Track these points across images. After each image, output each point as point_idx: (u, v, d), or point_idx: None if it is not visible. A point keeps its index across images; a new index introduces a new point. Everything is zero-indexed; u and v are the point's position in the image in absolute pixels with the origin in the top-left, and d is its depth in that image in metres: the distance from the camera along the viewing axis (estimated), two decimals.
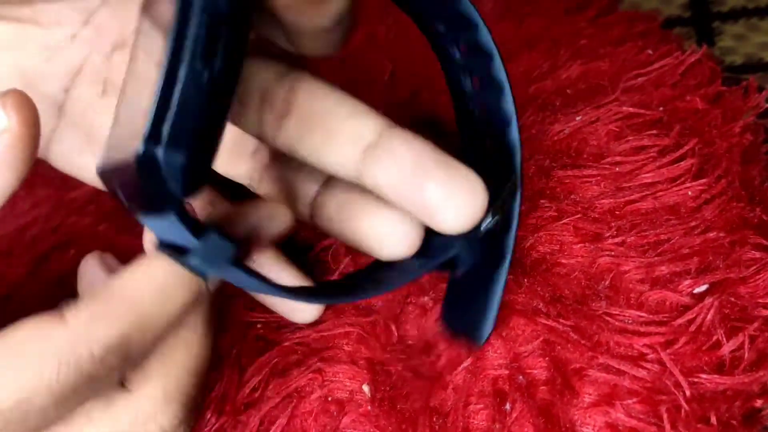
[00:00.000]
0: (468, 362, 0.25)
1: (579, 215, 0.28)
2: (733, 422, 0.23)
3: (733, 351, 0.24)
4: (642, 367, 0.24)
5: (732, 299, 0.25)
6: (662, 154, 0.29)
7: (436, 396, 0.25)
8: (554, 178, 0.29)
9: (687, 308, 0.25)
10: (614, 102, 0.31)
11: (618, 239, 0.27)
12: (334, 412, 0.26)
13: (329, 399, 0.26)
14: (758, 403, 0.24)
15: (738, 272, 0.26)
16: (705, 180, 0.28)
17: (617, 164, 0.29)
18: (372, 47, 0.39)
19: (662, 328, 0.25)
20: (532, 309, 0.26)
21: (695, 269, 0.26)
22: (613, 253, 0.26)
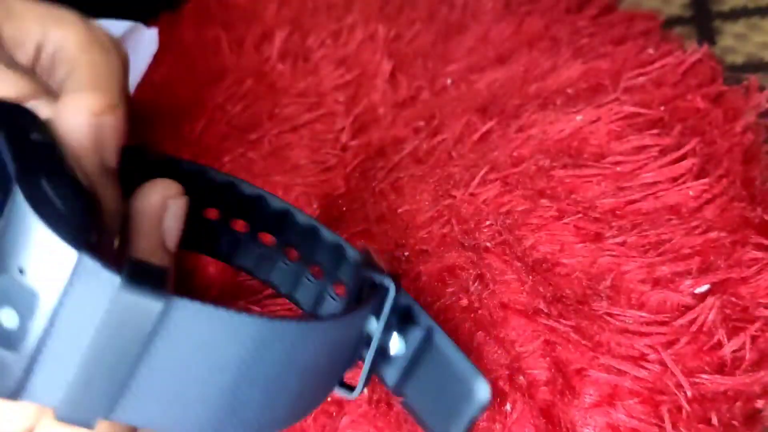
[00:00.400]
0: None
1: (580, 215, 0.28)
2: (735, 423, 0.23)
3: (735, 351, 0.24)
4: (643, 368, 0.24)
5: (733, 299, 0.25)
6: (663, 154, 0.29)
7: None
8: (555, 178, 0.29)
9: (688, 308, 0.25)
10: (615, 101, 0.31)
11: (619, 239, 0.27)
12: (333, 413, 0.26)
13: (328, 399, 0.26)
14: (759, 404, 0.24)
15: (739, 272, 0.26)
16: (706, 180, 0.28)
17: (618, 164, 0.29)
18: (372, 46, 0.39)
19: (663, 329, 0.24)
20: (533, 309, 0.25)
21: (696, 269, 0.26)
22: (614, 253, 0.26)
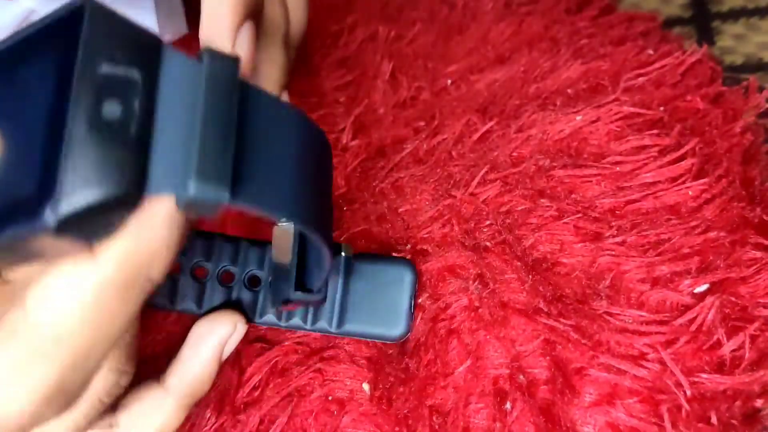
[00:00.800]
0: (468, 362, 0.25)
1: (579, 215, 0.28)
2: (734, 422, 0.23)
3: (734, 350, 0.24)
4: (643, 367, 0.24)
5: (732, 299, 0.25)
6: (663, 154, 0.29)
7: (437, 395, 0.25)
8: (555, 178, 0.29)
9: (687, 308, 0.25)
10: (615, 102, 0.31)
11: (618, 239, 0.27)
12: (335, 411, 0.26)
13: (329, 398, 0.26)
14: (759, 403, 0.24)
15: (738, 272, 0.26)
16: (705, 180, 0.28)
17: (618, 164, 0.29)
18: (372, 47, 0.39)
19: (663, 328, 0.25)
20: (533, 308, 0.26)
21: (696, 269, 0.26)
22: (614, 253, 0.26)
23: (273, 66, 0.24)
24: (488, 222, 0.29)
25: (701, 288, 0.26)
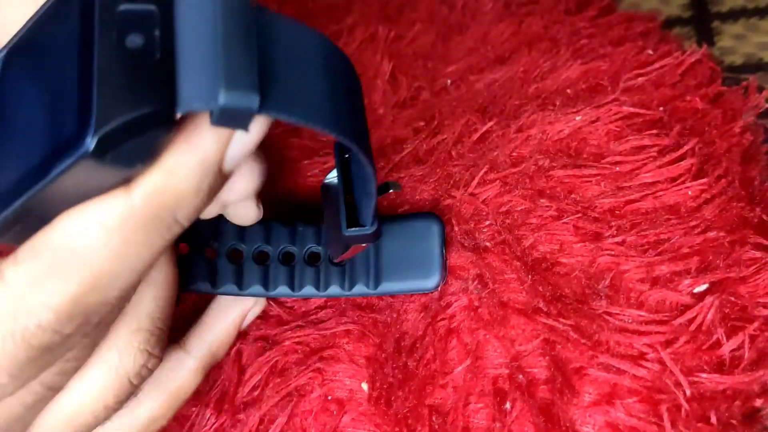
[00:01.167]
0: (468, 362, 0.25)
1: (579, 215, 0.28)
2: (733, 422, 0.23)
3: (733, 350, 0.24)
4: (642, 367, 0.24)
5: (732, 299, 0.25)
6: (662, 154, 0.29)
7: (436, 395, 0.25)
8: (554, 178, 0.29)
9: (687, 307, 0.25)
10: (614, 102, 0.31)
11: (618, 239, 0.27)
12: (334, 411, 0.26)
13: (329, 398, 0.26)
14: (758, 403, 0.24)
15: (738, 272, 0.26)
16: (705, 180, 0.28)
17: (617, 164, 0.29)
18: (372, 47, 0.39)
19: (662, 328, 0.25)
20: (533, 308, 0.26)
21: (695, 269, 0.26)
22: (614, 253, 0.26)
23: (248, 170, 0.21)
24: (488, 222, 0.29)
25: (701, 288, 0.26)
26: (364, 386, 0.26)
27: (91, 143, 0.14)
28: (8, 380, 0.16)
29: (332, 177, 0.24)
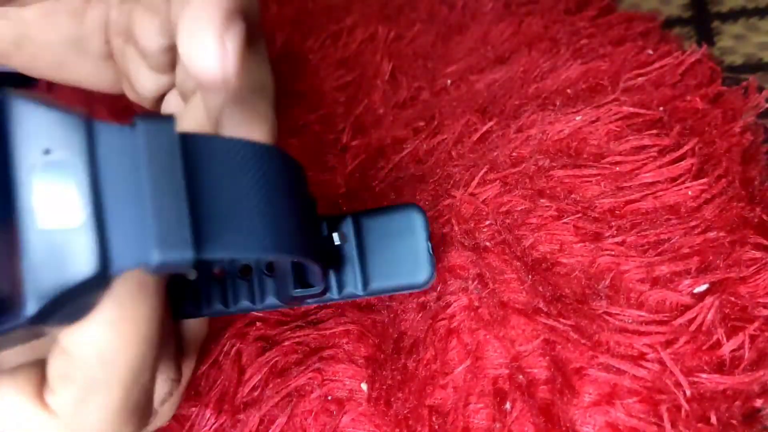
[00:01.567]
0: (468, 362, 0.25)
1: (579, 215, 0.28)
2: (733, 422, 0.23)
3: (734, 350, 0.24)
4: (642, 367, 0.24)
5: (732, 299, 0.25)
6: (662, 154, 0.29)
7: (436, 395, 0.25)
8: (554, 178, 0.29)
9: (687, 308, 0.25)
10: (614, 102, 0.31)
11: (618, 239, 0.27)
12: (334, 411, 0.26)
13: (329, 398, 0.26)
14: (758, 403, 0.24)
15: (738, 272, 0.26)
16: (705, 180, 0.28)
17: (617, 164, 0.29)
18: (372, 47, 0.39)
19: (662, 328, 0.25)
20: (533, 308, 0.26)
21: (695, 269, 0.26)
22: (614, 253, 0.26)
23: (263, 123, 0.21)
24: (488, 222, 0.29)
25: (701, 288, 0.26)
26: (364, 386, 0.26)
27: (27, 315, 0.14)
28: None
29: None
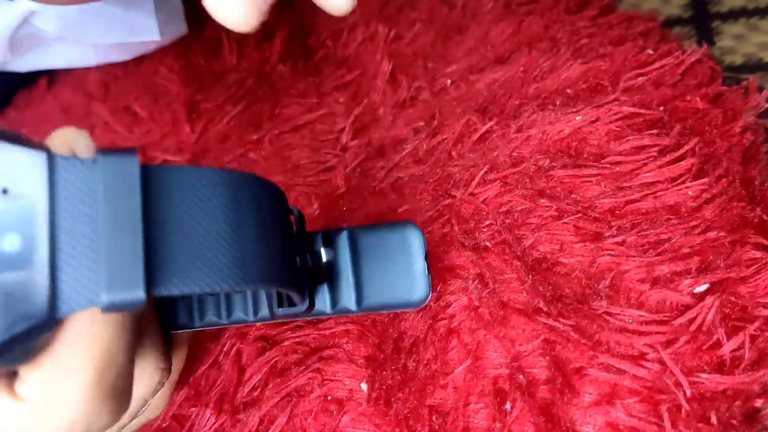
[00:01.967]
0: (468, 362, 0.25)
1: (579, 215, 0.28)
2: (734, 422, 0.23)
3: (734, 350, 0.24)
4: (642, 367, 0.24)
5: (732, 299, 0.25)
6: (662, 154, 0.29)
7: (436, 395, 0.25)
8: (554, 178, 0.29)
9: (687, 308, 0.25)
10: (614, 102, 0.31)
11: (618, 239, 0.27)
12: (334, 411, 0.26)
13: (328, 398, 0.26)
14: (758, 403, 0.24)
15: (738, 272, 0.26)
16: (705, 180, 0.28)
17: (617, 164, 0.29)
18: (372, 47, 0.39)
19: (663, 328, 0.25)
20: (533, 308, 0.26)
21: (696, 269, 0.26)
22: (614, 253, 0.26)
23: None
24: (488, 222, 0.28)
25: (701, 288, 0.25)
26: (364, 386, 0.26)
27: None
28: None
29: None
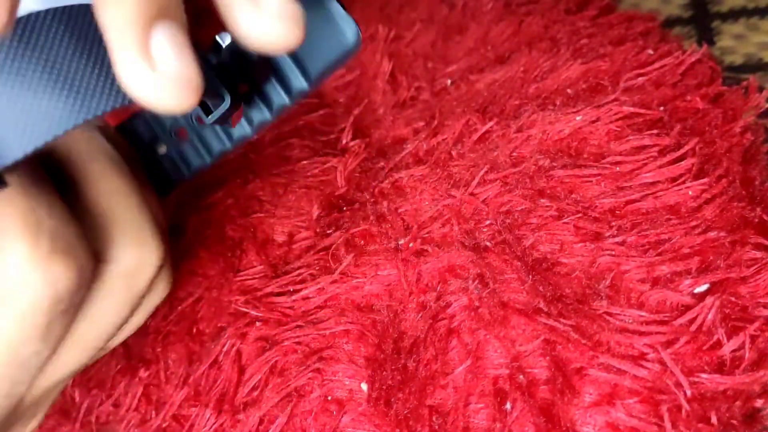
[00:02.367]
0: (468, 362, 0.25)
1: (579, 215, 0.28)
2: (734, 422, 0.23)
3: (734, 351, 0.24)
4: (643, 367, 0.24)
5: (733, 299, 0.25)
6: (663, 154, 0.29)
7: (436, 395, 0.25)
8: (554, 178, 0.29)
9: (688, 308, 0.25)
10: (614, 102, 0.31)
11: (618, 239, 0.27)
12: (334, 411, 0.26)
13: (329, 398, 0.26)
14: (759, 403, 0.24)
15: (738, 272, 0.26)
16: (705, 180, 0.28)
17: (618, 164, 0.29)
18: (372, 47, 0.39)
19: (663, 328, 0.25)
20: (533, 308, 0.26)
21: (696, 269, 0.26)
22: (614, 253, 0.26)
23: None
24: (488, 222, 0.28)
25: (701, 288, 0.25)
26: (364, 386, 0.26)
27: None
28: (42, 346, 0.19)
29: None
